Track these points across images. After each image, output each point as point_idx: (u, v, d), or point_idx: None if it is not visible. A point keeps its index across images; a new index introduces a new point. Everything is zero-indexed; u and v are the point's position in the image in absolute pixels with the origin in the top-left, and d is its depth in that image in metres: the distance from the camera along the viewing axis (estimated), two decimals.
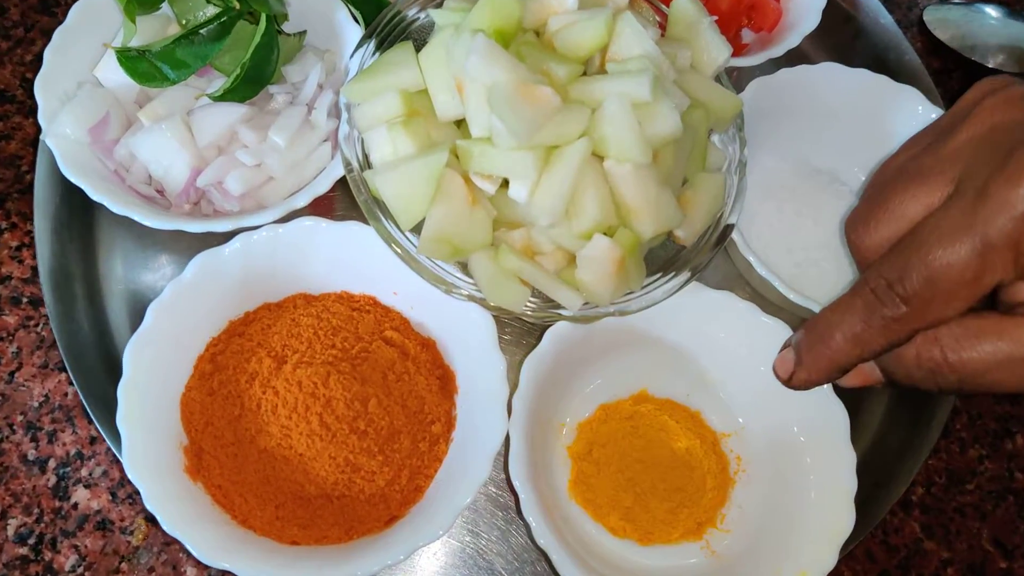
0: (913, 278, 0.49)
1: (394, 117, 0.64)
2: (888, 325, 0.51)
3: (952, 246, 0.47)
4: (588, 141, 0.59)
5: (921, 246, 0.49)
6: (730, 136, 0.71)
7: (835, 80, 0.79)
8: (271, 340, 0.64)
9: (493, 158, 0.60)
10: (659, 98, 0.60)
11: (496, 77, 0.58)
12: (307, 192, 0.66)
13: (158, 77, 0.67)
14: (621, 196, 0.61)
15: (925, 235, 0.49)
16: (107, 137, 0.67)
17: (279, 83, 0.72)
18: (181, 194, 0.67)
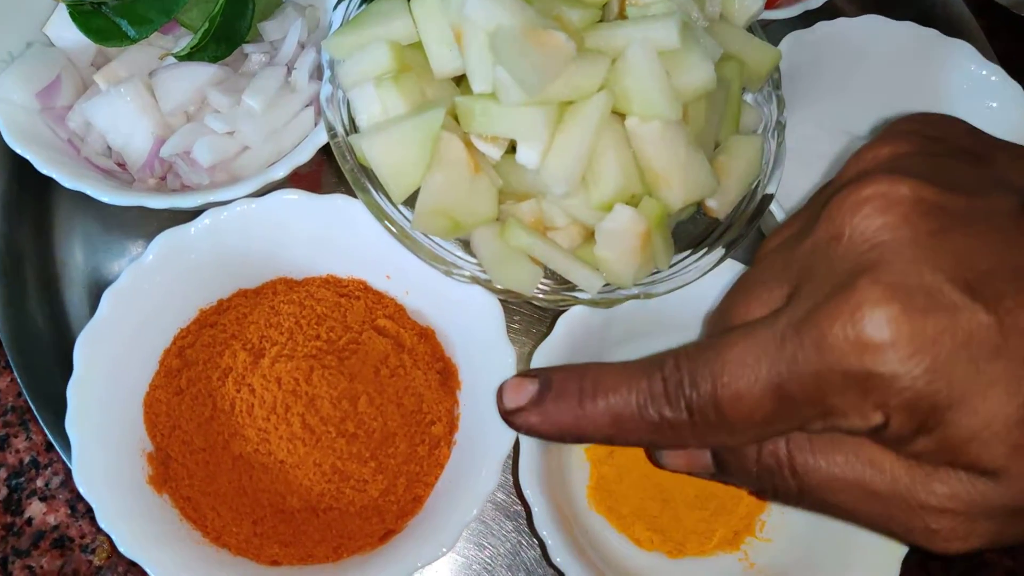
0: (701, 392, 0.40)
1: (383, 73, 0.55)
2: (661, 426, 0.42)
3: (745, 375, 0.38)
4: (608, 95, 0.51)
5: (720, 359, 0.40)
6: (765, 95, 0.63)
7: (878, 34, 0.71)
8: (247, 331, 0.56)
9: (498, 116, 0.52)
10: (689, 44, 0.52)
11: (500, 20, 0.50)
12: (286, 162, 0.58)
13: (116, 35, 0.59)
14: (646, 159, 0.53)
15: (730, 347, 0.40)
16: (58, 103, 0.59)
17: (255, 41, 0.64)
18: (144, 167, 0.59)
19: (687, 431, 0.41)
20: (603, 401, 0.43)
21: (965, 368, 0.35)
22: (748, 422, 0.39)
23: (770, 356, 0.38)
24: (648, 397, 0.42)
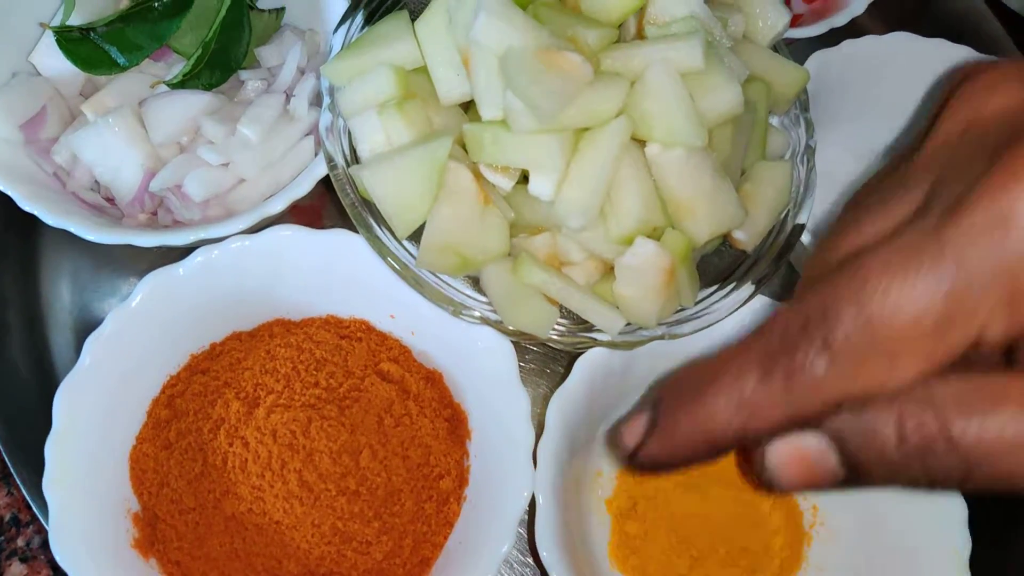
0: (844, 321, 0.31)
1: (386, 100, 0.52)
2: (795, 388, 0.32)
3: (905, 280, 0.30)
4: (627, 120, 0.48)
5: (860, 278, 0.31)
6: (792, 118, 0.59)
7: (907, 52, 0.67)
8: (241, 378, 0.52)
9: (509, 145, 0.48)
10: (713, 65, 0.49)
11: (511, 42, 0.46)
12: (284, 196, 0.55)
13: (105, 63, 0.56)
14: (669, 189, 0.49)
15: (868, 264, 0.31)
16: (44, 135, 0.56)
17: (252, 67, 0.61)
18: (133, 201, 0.56)
19: (834, 381, 0.31)
20: (720, 394, 0.34)
21: None
22: (915, 334, 0.30)
23: (930, 250, 0.30)
24: (765, 363, 0.33)
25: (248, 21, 0.58)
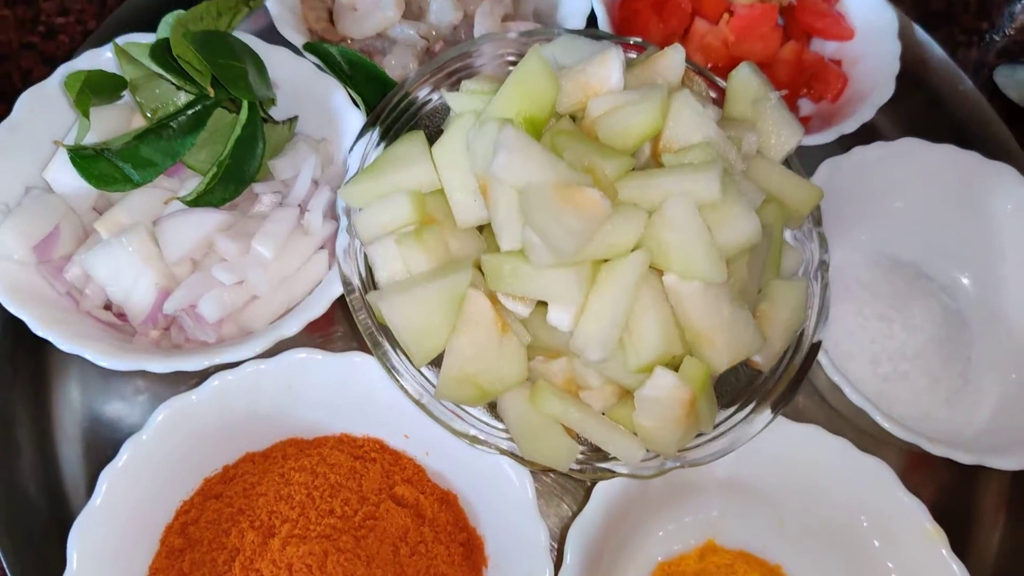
0: None
1: (403, 225, 0.52)
2: None
3: None
4: (645, 254, 0.48)
5: None
6: (805, 232, 0.59)
7: (917, 158, 0.68)
8: (255, 505, 0.51)
9: (528, 277, 0.48)
10: (731, 196, 0.49)
11: (531, 178, 0.46)
12: (298, 316, 0.54)
13: (119, 179, 0.56)
14: (688, 319, 0.49)
15: None
16: (57, 254, 0.56)
17: (265, 180, 0.61)
18: (147, 320, 0.55)
19: None
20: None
21: None
22: None
23: None
24: None
25: (262, 134, 0.58)
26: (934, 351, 0.65)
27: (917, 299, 0.66)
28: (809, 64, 0.71)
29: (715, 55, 0.71)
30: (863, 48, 0.73)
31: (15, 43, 0.75)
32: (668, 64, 0.55)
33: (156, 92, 0.57)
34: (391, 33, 0.68)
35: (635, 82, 0.54)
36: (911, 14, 0.88)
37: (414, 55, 0.67)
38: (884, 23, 0.72)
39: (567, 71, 0.53)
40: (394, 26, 0.67)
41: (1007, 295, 0.67)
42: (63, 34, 0.76)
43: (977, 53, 0.89)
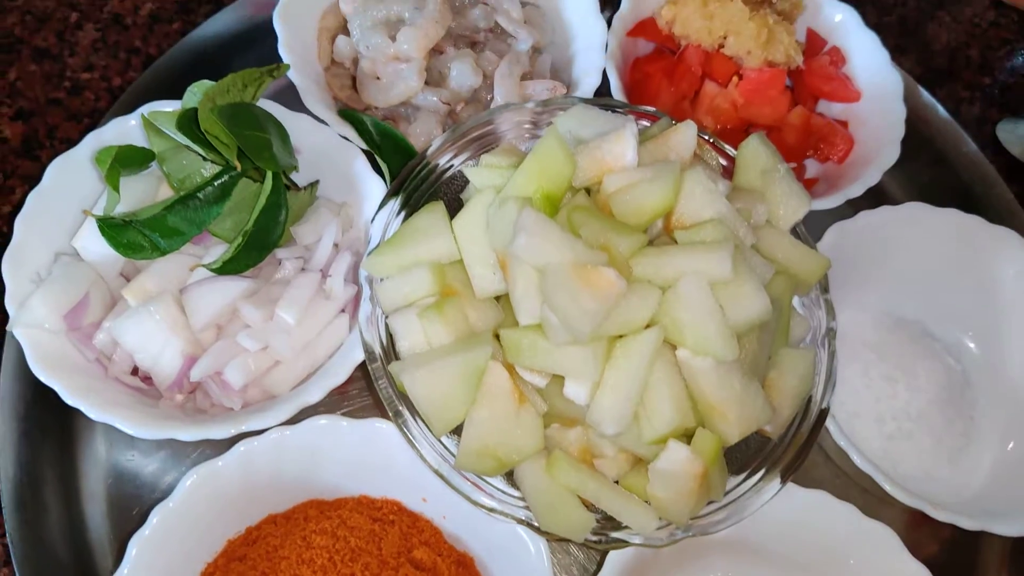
0: None
1: (424, 297, 0.54)
2: None
3: None
4: (659, 332, 0.49)
5: None
6: (813, 299, 0.61)
7: (922, 222, 0.69)
8: (278, 568, 0.53)
9: (545, 352, 0.49)
10: (742, 274, 0.51)
11: (549, 259, 0.48)
12: (321, 383, 0.56)
13: (147, 248, 0.58)
14: (700, 392, 0.50)
15: None
16: (86, 321, 0.57)
17: (288, 245, 0.62)
18: (173, 385, 0.57)
19: None
20: None
21: None
22: None
23: None
24: None
25: (285, 202, 0.60)
26: (937, 411, 0.67)
27: (921, 360, 0.68)
28: (816, 128, 0.73)
29: (724, 117, 0.72)
30: (869, 110, 0.75)
31: (42, 99, 0.77)
32: (680, 140, 0.57)
33: (183, 163, 0.59)
34: (415, 101, 0.70)
35: (648, 157, 0.56)
36: (915, 71, 0.91)
37: (438, 121, 0.69)
38: (889, 86, 0.74)
39: (583, 147, 0.55)
40: (417, 94, 0.69)
41: (1010, 357, 0.68)
42: (88, 90, 0.78)
43: (980, 108, 0.91)
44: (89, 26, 0.81)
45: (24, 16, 0.81)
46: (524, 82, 0.72)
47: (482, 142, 0.62)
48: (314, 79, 0.68)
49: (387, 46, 0.68)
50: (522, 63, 0.72)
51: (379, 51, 0.68)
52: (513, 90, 0.70)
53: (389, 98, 0.69)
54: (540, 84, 0.72)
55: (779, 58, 0.71)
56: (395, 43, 0.68)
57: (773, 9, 0.73)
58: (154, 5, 0.83)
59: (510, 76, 0.71)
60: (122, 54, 0.80)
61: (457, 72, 0.70)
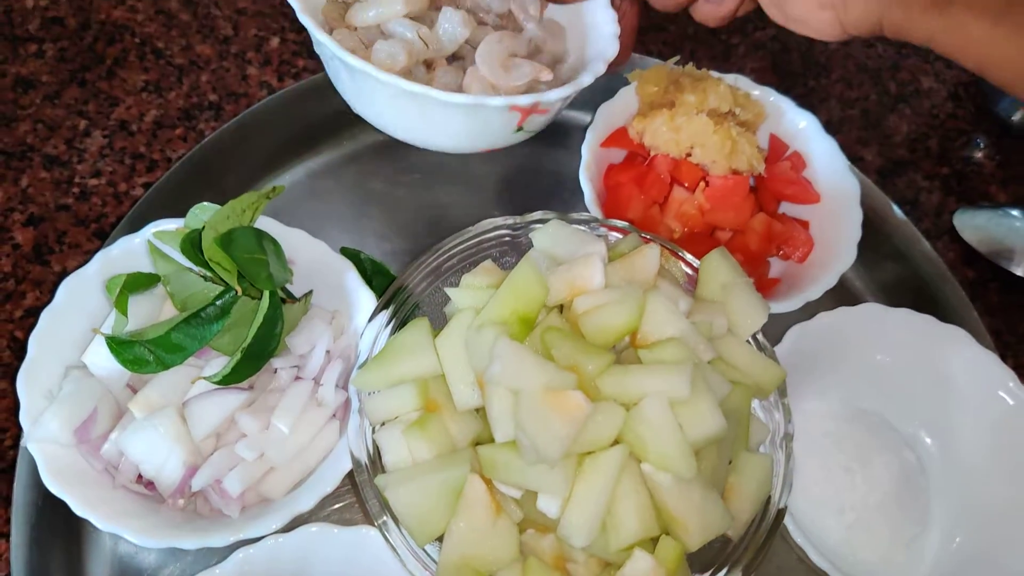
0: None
1: (410, 411, 0.59)
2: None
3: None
4: (624, 449, 0.54)
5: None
6: (772, 402, 0.65)
7: (877, 321, 0.74)
8: None
9: (519, 469, 0.54)
10: (700, 394, 0.55)
11: (521, 383, 0.53)
12: (313, 491, 0.60)
13: (152, 363, 0.62)
14: (663, 503, 0.55)
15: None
16: (94, 434, 0.61)
17: (282, 354, 0.67)
18: (175, 492, 0.61)
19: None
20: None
21: None
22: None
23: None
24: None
25: (281, 315, 0.64)
26: (893, 501, 0.71)
27: (878, 453, 0.72)
28: (777, 233, 0.78)
29: (691, 222, 0.77)
30: (829, 212, 0.80)
31: (52, 205, 0.82)
32: (645, 262, 0.61)
33: (185, 284, 0.63)
34: (389, 27, 0.68)
35: (616, 277, 0.61)
36: (877, 162, 0.96)
37: (406, 49, 0.67)
38: (847, 190, 0.79)
39: (555, 271, 0.60)
40: (394, 21, 0.67)
41: (962, 449, 0.73)
42: (95, 196, 0.83)
43: (939, 197, 0.96)
44: (97, 133, 0.87)
45: (36, 125, 0.86)
46: (511, 59, 0.69)
47: (465, 254, 0.68)
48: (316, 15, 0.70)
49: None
50: (518, 44, 0.70)
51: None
52: (496, 63, 0.67)
53: (366, 17, 0.68)
54: (525, 66, 0.69)
55: (742, 166, 0.76)
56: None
57: (736, 120, 0.79)
58: (158, 112, 0.89)
59: (499, 44, 0.68)
60: (128, 160, 0.85)
61: (447, 20, 0.68)
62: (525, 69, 0.68)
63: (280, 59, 0.94)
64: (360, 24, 0.69)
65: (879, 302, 0.80)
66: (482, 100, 0.64)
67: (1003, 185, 0.99)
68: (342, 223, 0.82)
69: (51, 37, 0.93)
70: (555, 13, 0.79)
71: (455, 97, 0.63)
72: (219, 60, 0.93)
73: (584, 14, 0.77)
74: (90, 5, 0.96)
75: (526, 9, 0.74)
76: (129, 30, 0.95)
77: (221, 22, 0.96)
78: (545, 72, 0.68)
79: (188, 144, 0.87)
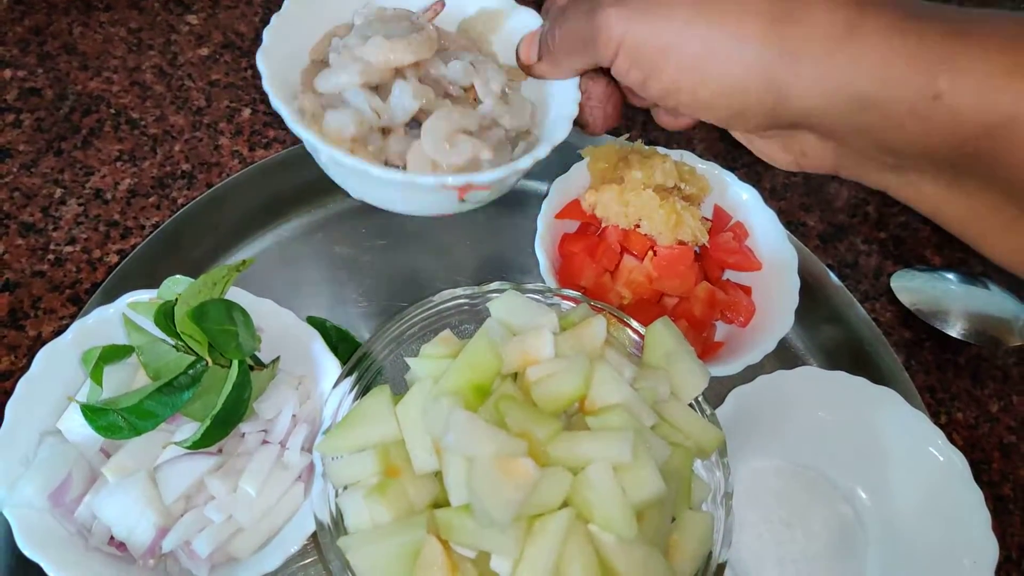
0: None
1: (371, 475, 0.62)
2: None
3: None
4: (571, 512, 0.58)
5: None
6: (713, 462, 0.69)
7: (813, 383, 0.79)
8: None
9: (473, 531, 0.57)
10: (642, 459, 0.59)
11: (475, 451, 0.57)
12: (279, 551, 0.63)
13: (124, 429, 0.65)
14: (609, 562, 0.58)
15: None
16: (69, 498, 0.64)
17: (250, 419, 0.70)
18: (146, 554, 0.64)
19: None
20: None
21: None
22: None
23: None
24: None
25: (250, 382, 0.68)
26: (832, 553, 0.75)
27: (816, 507, 0.77)
28: (720, 301, 0.83)
29: (640, 289, 0.82)
30: (769, 278, 0.85)
31: (27, 271, 0.85)
32: (592, 333, 0.66)
33: (158, 354, 0.67)
34: (345, 95, 0.71)
35: (566, 346, 0.65)
36: (819, 227, 1.02)
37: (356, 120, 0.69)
38: (785, 258, 0.85)
39: (509, 341, 0.64)
40: (350, 90, 0.70)
41: (895, 505, 0.77)
42: (70, 262, 0.86)
43: (877, 260, 1.02)
44: (72, 201, 0.90)
45: (12, 193, 0.90)
46: (456, 134, 0.70)
47: (426, 323, 0.72)
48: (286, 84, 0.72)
49: (356, 47, 0.71)
50: (469, 120, 0.72)
51: (348, 49, 0.71)
52: (440, 139, 0.69)
53: (327, 84, 0.71)
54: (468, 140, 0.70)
55: (687, 238, 0.81)
56: (364, 47, 0.70)
57: (681, 195, 0.84)
58: (132, 181, 0.92)
59: (446, 119, 0.70)
60: (102, 227, 0.89)
61: (399, 91, 0.71)
62: (466, 147, 0.70)
63: (251, 129, 0.99)
64: (322, 91, 0.72)
65: (818, 363, 0.86)
66: (412, 178, 0.66)
67: (938, 249, 1.05)
68: (311, 288, 0.86)
69: (28, 107, 0.97)
70: (527, 87, 0.82)
71: (386, 174, 0.65)
72: (192, 130, 0.97)
73: (551, 92, 0.80)
74: (67, 76, 1.00)
75: (487, 84, 0.76)
76: (105, 101, 0.98)
77: (195, 93, 1.01)
78: (486, 151, 0.70)
79: (162, 212, 0.90)
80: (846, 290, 0.91)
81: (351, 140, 0.69)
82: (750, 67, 0.51)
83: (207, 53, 1.05)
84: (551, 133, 0.75)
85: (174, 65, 1.04)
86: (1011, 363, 0.97)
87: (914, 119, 0.48)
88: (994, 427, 0.91)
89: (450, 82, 0.76)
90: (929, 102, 0.47)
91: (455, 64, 0.74)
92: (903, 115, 0.48)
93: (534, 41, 0.70)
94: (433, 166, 0.69)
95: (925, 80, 0.47)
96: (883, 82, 0.48)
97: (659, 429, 0.65)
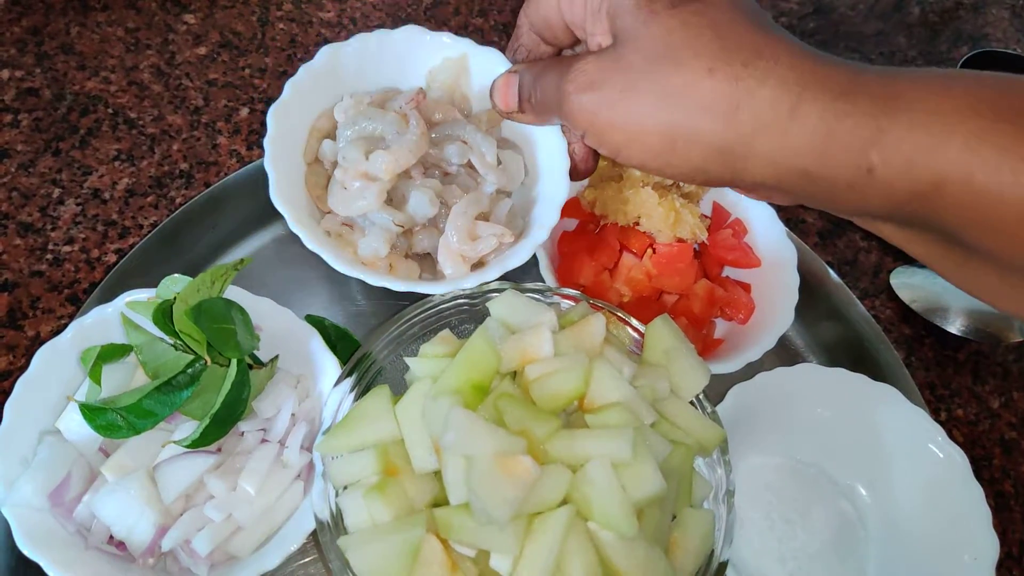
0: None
1: (370, 475, 0.62)
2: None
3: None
4: (570, 510, 0.57)
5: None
6: (715, 459, 0.69)
7: (813, 380, 0.79)
8: None
9: (472, 530, 0.57)
10: (642, 457, 0.59)
11: (474, 451, 0.56)
12: (279, 550, 0.63)
13: (123, 428, 0.65)
14: (608, 561, 0.58)
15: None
16: (68, 497, 0.64)
17: (249, 418, 0.70)
18: (145, 552, 0.64)
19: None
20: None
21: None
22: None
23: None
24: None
25: (248, 381, 0.68)
26: (832, 550, 0.75)
27: (816, 504, 0.77)
28: (719, 298, 0.82)
29: (639, 287, 0.82)
30: (769, 275, 0.85)
31: (26, 271, 0.85)
32: (592, 331, 0.66)
33: (157, 353, 0.67)
34: (371, 216, 0.75)
35: (565, 344, 0.65)
36: (818, 224, 1.02)
37: (387, 240, 0.74)
38: (785, 255, 0.84)
39: (508, 340, 0.64)
40: (374, 211, 0.74)
41: (895, 502, 0.77)
42: (68, 262, 0.86)
43: (876, 257, 1.02)
44: (70, 201, 0.90)
45: (11, 193, 0.89)
46: (477, 222, 0.77)
47: (426, 323, 0.72)
48: (292, 171, 0.76)
49: (360, 162, 0.74)
50: (481, 203, 0.77)
51: (352, 164, 0.74)
52: (464, 229, 0.75)
53: (349, 209, 0.75)
54: (489, 229, 0.76)
55: (686, 235, 0.81)
56: (367, 161, 0.73)
57: (679, 192, 0.84)
58: (130, 180, 0.92)
59: (464, 215, 0.76)
60: (100, 227, 0.89)
61: (415, 201, 0.75)
62: (490, 241, 0.75)
63: (249, 128, 0.98)
64: (342, 214, 0.76)
65: (818, 360, 0.86)
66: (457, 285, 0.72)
67: None
68: (309, 286, 0.86)
69: (26, 108, 0.96)
70: (509, 128, 0.83)
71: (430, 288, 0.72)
72: (190, 130, 0.97)
73: (535, 138, 0.82)
74: (64, 76, 1.00)
75: (484, 159, 0.79)
76: (102, 101, 0.98)
77: (192, 93, 1.01)
78: (507, 235, 0.75)
79: (159, 211, 0.90)
80: (846, 287, 0.91)
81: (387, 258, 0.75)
82: (708, 156, 0.56)
83: (204, 52, 1.05)
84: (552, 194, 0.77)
85: (172, 65, 1.03)
86: (1011, 359, 0.97)
87: (852, 190, 0.52)
88: (994, 423, 0.91)
89: (448, 162, 0.80)
90: (864, 175, 0.51)
91: (450, 148, 0.79)
92: (843, 187, 0.53)
93: (509, 88, 0.70)
94: (462, 258, 0.75)
95: (859, 157, 0.51)
96: (822, 161, 0.52)
97: (659, 427, 0.65)
